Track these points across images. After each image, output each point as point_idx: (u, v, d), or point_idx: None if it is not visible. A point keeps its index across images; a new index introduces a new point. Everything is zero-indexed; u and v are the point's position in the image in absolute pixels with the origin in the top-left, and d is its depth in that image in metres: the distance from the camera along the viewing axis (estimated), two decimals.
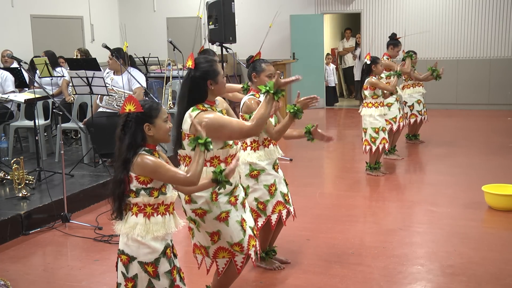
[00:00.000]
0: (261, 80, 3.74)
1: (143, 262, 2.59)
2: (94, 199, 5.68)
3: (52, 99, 6.18)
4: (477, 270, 3.90)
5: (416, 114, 7.98)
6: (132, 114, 2.58)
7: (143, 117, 2.58)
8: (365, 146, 6.45)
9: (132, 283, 2.62)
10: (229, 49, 9.10)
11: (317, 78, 12.23)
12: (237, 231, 3.09)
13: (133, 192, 2.58)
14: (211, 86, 3.06)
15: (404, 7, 11.71)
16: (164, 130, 2.64)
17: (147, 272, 2.59)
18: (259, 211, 3.76)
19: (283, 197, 3.81)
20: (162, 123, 2.63)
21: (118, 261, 2.68)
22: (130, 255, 2.60)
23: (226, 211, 3.05)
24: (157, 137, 2.63)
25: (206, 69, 3.06)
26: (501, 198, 5.17)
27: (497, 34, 11.19)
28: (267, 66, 3.79)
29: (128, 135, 2.57)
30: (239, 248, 3.11)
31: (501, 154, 7.43)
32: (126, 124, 2.59)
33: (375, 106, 6.32)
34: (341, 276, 3.86)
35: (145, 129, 2.58)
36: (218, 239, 3.09)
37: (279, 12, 12.39)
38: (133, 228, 2.58)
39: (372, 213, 5.36)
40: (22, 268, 4.20)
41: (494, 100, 11.33)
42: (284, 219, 3.85)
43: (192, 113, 2.98)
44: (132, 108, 2.57)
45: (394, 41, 7.39)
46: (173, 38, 8.44)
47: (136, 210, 2.60)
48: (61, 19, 11.80)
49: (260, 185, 3.73)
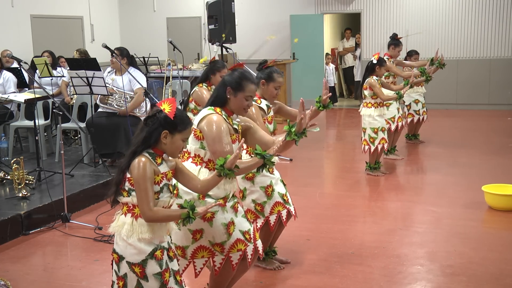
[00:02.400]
0: (268, 89, 3.77)
1: (131, 262, 2.57)
2: (94, 199, 5.68)
3: (52, 99, 6.18)
4: (477, 270, 3.90)
5: (413, 114, 7.98)
6: (162, 114, 2.55)
7: (168, 122, 2.55)
8: (364, 145, 6.46)
9: (122, 281, 2.62)
10: (229, 49, 9.10)
11: (317, 78, 12.22)
12: (221, 233, 3.06)
13: (125, 191, 2.57)
14: (229, 95, 3.07)
15: (404, 7, 11.71)
16: (177, 146, 2.60)
17: (135, 273, 2.58)
18: (257, 213, 3.76)
19: (281, 198, 3.79)
20: (179, 140, 2.60)
21: (112, 259, 2.68)
22: (119, 254, 2.60)
23: (211, 212, 3.02)
24: (167, 149, 2.59)
25: (235, 77, 3.09)
26: (501, 198, 5.17)
27: (497, 34, 11.19)
28: (278, 77, 3.78)
29: (148, 129, 2.55)
30: (220, 249, 3.08)
31: (501, 154, 7.43)
32: (152, 117, 2.56)
33: (375, 106, 6.32)
34: (341, 276, 3.86)
35: (161, 135, 2.55)
36: (200, 237, 3.07)
37: (279, 12, 12.43)
38: (121, 227, 2.58)
39: (372, 213, 5.36)
40: (22, 268, 4.20)
41: (494, 100, 11.33)
42: (285, 219, 3.83)
43: (207, 110, 3.04)
44: (167, 109, 2.54)
45: (395, 41, 7.39)
46: (173, 38, 8.43)
47: (125, 209, 2.59)
48: (61, 19, 11.80)
49: (256, 187, 3.72)
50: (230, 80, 3.10)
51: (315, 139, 8.80)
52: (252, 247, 3.19)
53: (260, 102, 3.75)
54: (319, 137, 9.30)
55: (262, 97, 3.80)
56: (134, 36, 13.53)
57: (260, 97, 3.78)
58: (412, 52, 7.95)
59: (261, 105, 3.74)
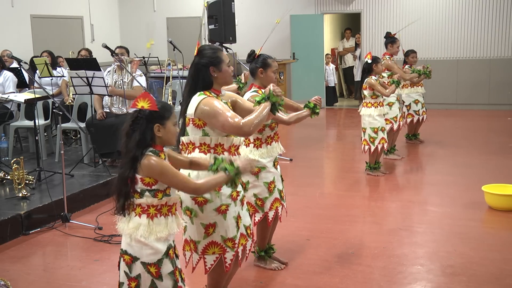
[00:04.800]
0: (267, 76, 3.75)
1: (146, 263, 2.57)
2: (94, 199, 5.68)
3: (52, 99, 6.18)
4: (477, 270, 3.90)
5: (412, 114, 7.99)
6: (144, 111, 2.52)
7: (155, 116, 2.53)
8: (364, 145, 6.46)
9: (135, 282, 2.60)
10: (229, 49, 9.10)
11: (317, 78, 12.24)
12: (232, 227, 3.06)
13: (137, 193, 2.56)
14: (213, 73, 3.06)
15: (404, 7, 11.71)
16: (172, 133, 2.61)
17: (150, 273, 2.57)
18: (257, 207, 3.77)
19: (279, 194, 3.83)
20: (172, 126, 2.60)
21: (120, 260, 2.66)
22: (133, 255, 2.58)
23: (226, 204, 3.02)
24: (165, 139, 2.59)
25: (209, 56, 3.06)
26: (501, 198, 5.17)
27: (497, 34, 11.19)
28: (273, 62, 3.80)
29: (138, 132, 2.52)
30: (231, 244, 3.07)
31: (501, 154, 7.43)
32: (136, 120, 2.53)
33: (374, 106, 6.32)
34: (341, 276, 3.86)
35: (154, 129, 2.54)
36: (212, 232, 3.04)
37: (279, 12, 12.43)
38: (136, 229, 2.55)
39: (372, 213, 5.36)
40: (22, 268, 4.20)
41: (494, 100, 11.33)
42: (280, 215, 3.87)
43: (198, 97, 2.99)
44: (146, 105, 2.51)
45: (391, 38, 7.41)
46: (173, 38, 8.44)
47: (139, 211, 2.57)
48: (61, 19, 11.80)
49: (260, 182, 3.74)
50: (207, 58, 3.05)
51: (315, 139, 8.81)
52: (250, 242, 3.21)
53: (261, 93, 3.72)
54: (319, 137, 9.31)
55: (263, 86, 3.73)
56: (134, 36, 13.53)
57: (260, 88, 3.71)
58: (409, 51, 7.94)
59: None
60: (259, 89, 3.72)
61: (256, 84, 3.79)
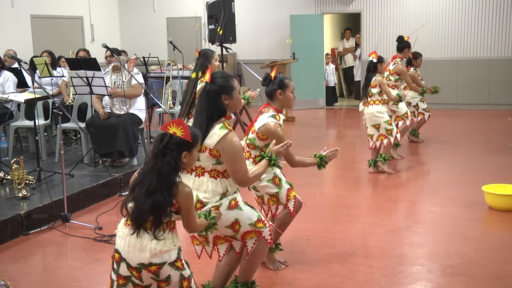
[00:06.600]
0: (286, 97, 3.76)
1: (173, 261, 2.60)
2: (94, 199, 5.69)
3: (52, 99, 6.18)
4: (477, 270, 3.90)
5: (423, 112, 8.07)
6: (176, 138, 2.52)
7: (186, 144, 2.55)
8: (374, 142, 6.50)
9: (166, 284, 2.64)
10: (229, 49, 9.10)
11: (317, 78, 12.24)
12: (251, 211, 3.19)
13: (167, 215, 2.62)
14: (225, 101, 3.11)
15: (404, 7, 11.71)
16: (194, 158, 2.66)
17: (177, 268, 2.62)
18: (275, 203, 3.84)
19: (289, 185, 3.88)
20: (196, 153, 2.66)
21: (113, 262, 2.72)
22: (160, 262, 2.57)
23: (233, 198, 3.13)
24: (186, 164, 2.63)
25: (221, 84, 3.11)
26: (501, 198, 5.17)
27: (497, 34, 11.20)
28: (290, 82, 3.81)
29: (170, 157, 2.51)
30: (262, 224, 3.20)
31: (501, 154, 7.43)
32: (167, 145, 2.52)
33: (382, 103, 6.48)
34: (341, 276, 3.86)
35: (182, 156, 2.56)
36: (239, 227, 3.14)
37: (279, 12, 12.43)
38: (169, 250, 2.58)
39: (372, 213, 5.36)
40: (22, 268, 4.20)
41: (494, 100, 11.34)
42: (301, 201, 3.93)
43: (220, 130, 3.03)
44: (179, 133, 2.52)
45: (407, 43, 7.49)
46: (173, 38, 8.44)
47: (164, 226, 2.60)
48: (61, 19, 11.81)
49: (263, 182, 3.78)
50: (220, 87, 3.10)
51: (315, 139, 8.81)
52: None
53: (279, 118, 3.72)
54: (319, 137, 9.31)
55: (280, 109, 3.78)
56: (134, 36, 13.54)
57: (279, 111, 3.75)
58: (418, 55, 7.98)
59: (279, 121, 3.72)
60: (277, 113, 3.73)
61: (274, 105, 3.77)
